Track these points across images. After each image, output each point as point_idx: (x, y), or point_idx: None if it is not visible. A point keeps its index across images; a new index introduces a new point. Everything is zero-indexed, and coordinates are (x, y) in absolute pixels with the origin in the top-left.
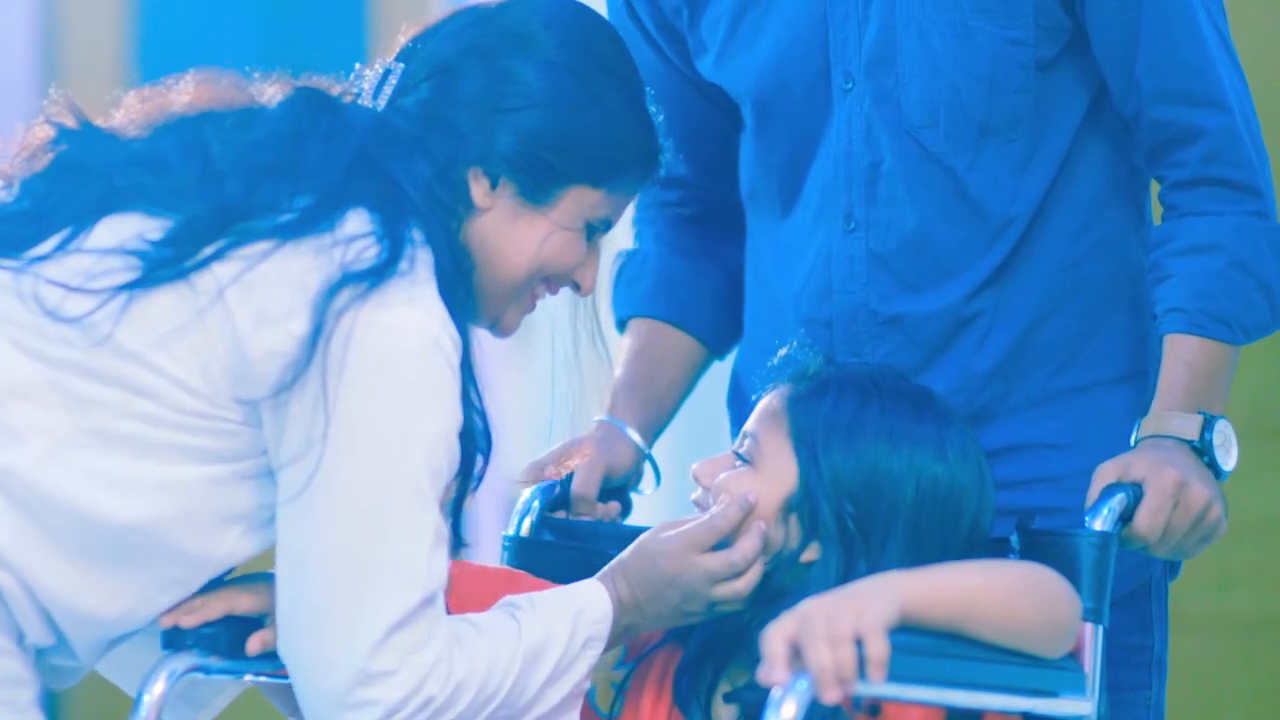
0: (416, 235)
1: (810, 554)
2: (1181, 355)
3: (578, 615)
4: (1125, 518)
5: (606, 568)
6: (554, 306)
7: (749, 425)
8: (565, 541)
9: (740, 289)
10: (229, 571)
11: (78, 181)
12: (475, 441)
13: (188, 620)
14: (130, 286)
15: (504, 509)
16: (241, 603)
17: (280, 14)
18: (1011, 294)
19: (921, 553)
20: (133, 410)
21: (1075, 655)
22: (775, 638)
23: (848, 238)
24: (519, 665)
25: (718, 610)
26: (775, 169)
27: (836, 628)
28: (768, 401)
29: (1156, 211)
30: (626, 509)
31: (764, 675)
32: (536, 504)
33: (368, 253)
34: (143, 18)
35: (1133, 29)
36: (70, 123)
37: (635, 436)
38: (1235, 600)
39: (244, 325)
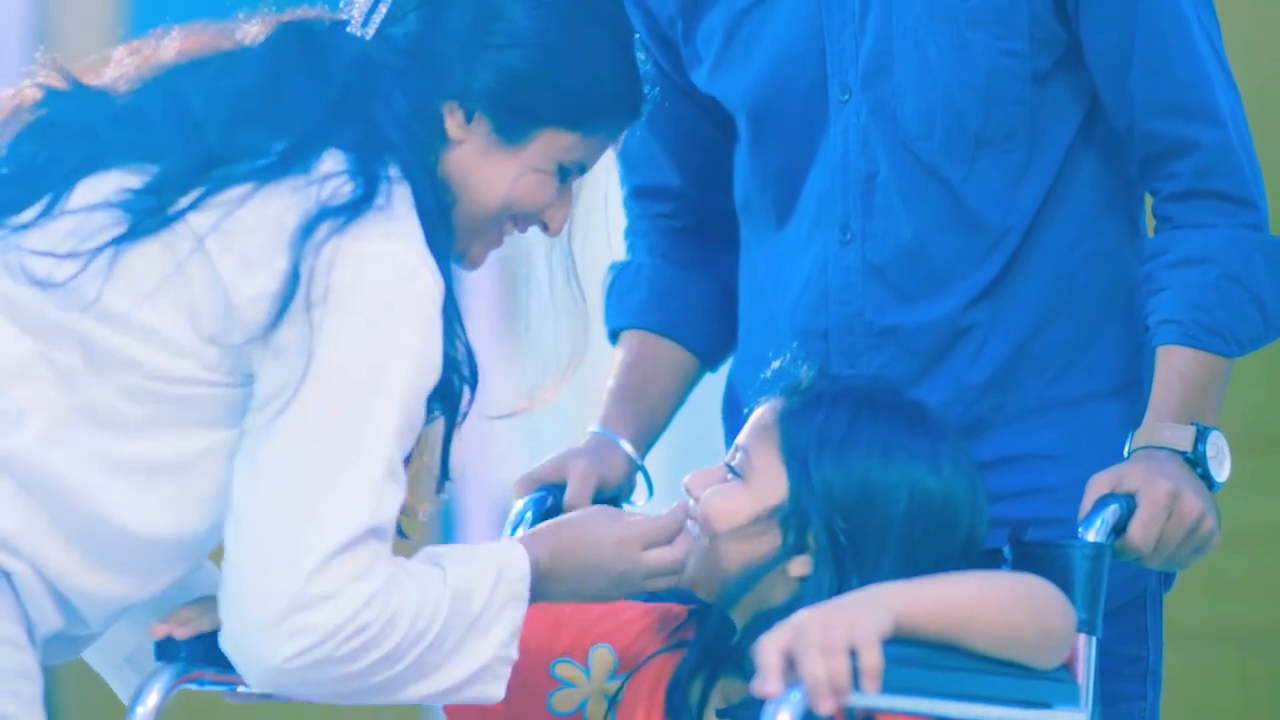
0: (393, 172)
1: (799, 568)
2: (1175, 366)
3: (499, 571)
4: (1118, 529)
5: (531, 532)
6: (529, 246)
7: (741, 438)
8: None
9: (734, 300)
10: None
11: (63, 142)
12: (460, 373)
13: (181, 632)
14: (116, 241)
15: (498, 519)
16: None
17: None
18: (1007, 305)
19: (915, 567)
20: (121, 384)
21: (1069, 666)
22: (769, 649)
23: (844, 248)
24: (446, 606)
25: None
26: (770, 180)
27: (830, 638)
28: (760, 415)
29: (1150, 225)
30: None
31: (758, 686)
32: (529, 515)
33: (343, 189)
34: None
35: (1127, 41)
36: (59, 84)
37: (628, 448)
38: (1229, 611)
39: (227, 272)
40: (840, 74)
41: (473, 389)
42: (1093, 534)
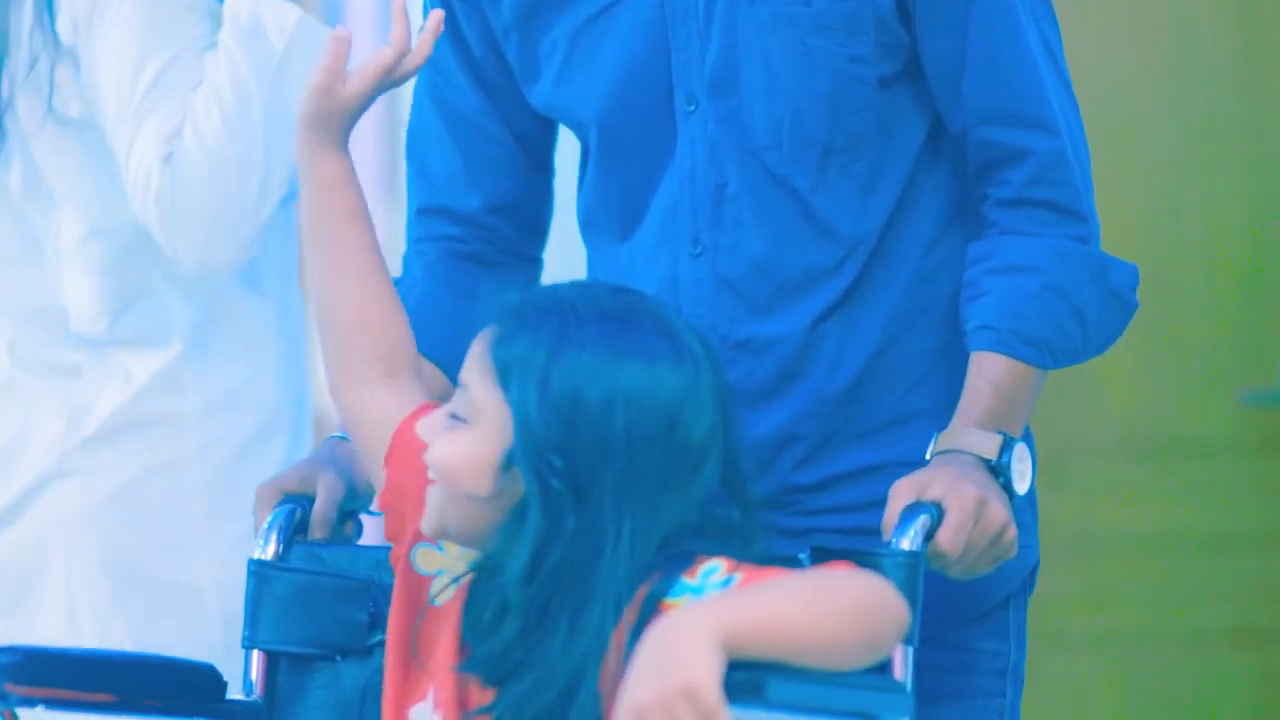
0: None
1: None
2: (987, 373)
3: None
4: (928, 536)
5: None
6: None
7: (462, 375)
8: (310, 565)
9: None
10: None
11: None
12: None
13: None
14: None
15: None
16: None
17: None
18: (861, 315)
19: (639, 480)
20: None
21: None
22: None
23: (695, 261)
24: None
25: None
26: (616, 193)
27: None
28: (476, 346)
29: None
30: (358, 530)
31: None
32: (280, 525)
33: None
34: None
35: (959, 48)
36: None
37: None
38: (1106, 618)
39: None
40: (686, 85)
41: None
42: (906, 542)
